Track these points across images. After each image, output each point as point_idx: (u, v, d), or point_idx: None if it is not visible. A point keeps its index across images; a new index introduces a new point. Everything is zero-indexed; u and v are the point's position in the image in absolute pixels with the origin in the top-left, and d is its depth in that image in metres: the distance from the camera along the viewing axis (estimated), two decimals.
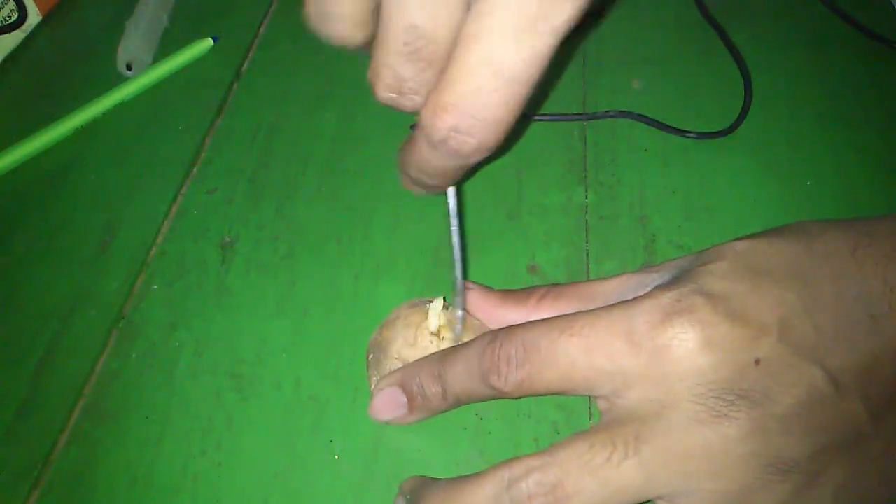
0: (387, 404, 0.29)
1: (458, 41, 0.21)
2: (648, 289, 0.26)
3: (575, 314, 0.25)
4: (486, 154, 0.22)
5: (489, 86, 0.21)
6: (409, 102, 0.22)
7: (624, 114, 0.41)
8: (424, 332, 0.30)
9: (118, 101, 0.45)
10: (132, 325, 0.35)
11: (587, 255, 0.36)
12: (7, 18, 0.48)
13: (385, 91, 0.22)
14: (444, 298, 0.31)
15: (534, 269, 0.35)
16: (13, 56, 0.49)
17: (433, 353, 0.29)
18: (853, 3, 0.46)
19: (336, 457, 0.30)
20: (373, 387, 0.30)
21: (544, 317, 0.28)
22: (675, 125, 0.40)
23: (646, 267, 0.28)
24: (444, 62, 0.21)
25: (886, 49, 0.44)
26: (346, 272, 0.36)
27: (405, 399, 0.28)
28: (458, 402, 0.28)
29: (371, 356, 0.31)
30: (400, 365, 0.30)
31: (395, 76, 0.22)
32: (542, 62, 0.21)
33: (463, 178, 0.26)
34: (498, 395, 0.26)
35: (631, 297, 0.27)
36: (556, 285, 0.30)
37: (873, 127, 0.40)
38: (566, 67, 0.45)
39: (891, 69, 0.43)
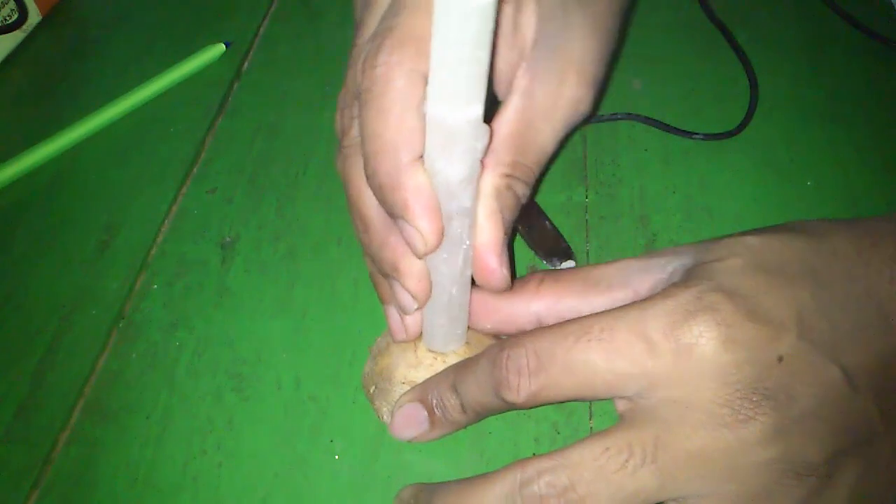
0: (408, 421, 0.28)
1: None
2: (652, 274, 0.26)
3: (587, 317, 0.24)
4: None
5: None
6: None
7: (631, 116, 0.41)
8: (424, 349, 0.29)
9: (131, 108, 0.45)
10: (132, 325, 0.35)
11: (587, 254, 0.36)
12: (7, 18, 0.48)
13: None
14: None
15: (534, 269, 0.35)
16: (13, 56, 0.49)
17: (450, 366, 0.28)
18: (853, 3, 0.46)
19: (336, 457, 0.30)
20: (384, 417, 0.30)
21: (545, 302, 0.28)
22: (676, 125, 0.40)
23: (648, 252, 0.28)
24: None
25: (886, 49, 0.44)
26: (346, 272, 0.36)
27: (426, 414, 0.27)
28: (478, 416, 0.27)
29: (373, 389, 0.30)
30: (409, 389, 0.29)
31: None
32: None
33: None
34: (512, 408, 0.25)
35: (636, 282, 0.26)
36: (552, 270, 0.29)
37: (873, 127, 0.40)
38: None
39: (891, 69, 0.43)
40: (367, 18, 0.28)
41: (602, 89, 0.30)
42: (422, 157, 0.24)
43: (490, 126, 0.23)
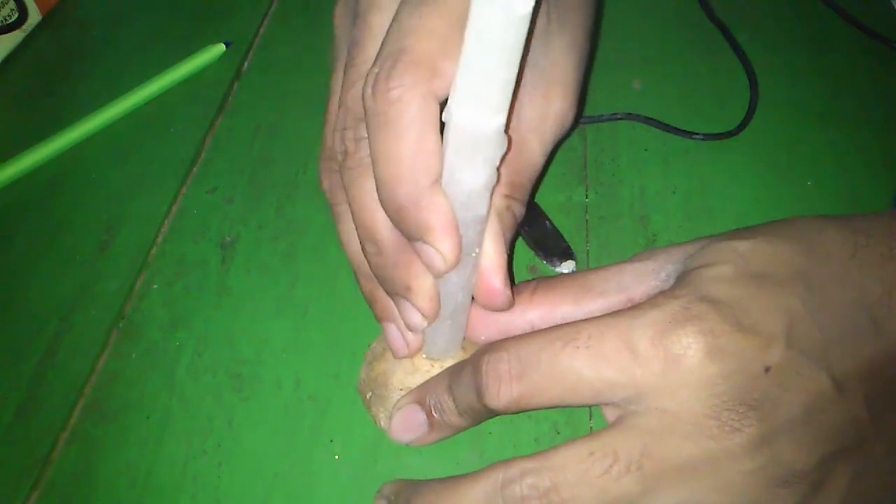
0: (407, 424, 0.28)
1: None
2: (647, 279, 0.26)
3: (575, 323, 0.24)
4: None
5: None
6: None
7: (631, 116, 0.41)
8: (421, 356, 0.29)
9: (131, 108, 0.44)
10: (132, 325, 0.35)
11: (587, 254, 0.36)
12: (7, 18, 0.48)
13: None
14: None
15: (534, 268, 0.35)
16: (13, 56, 0.49)
17: (446, 369, 0.28)
18: (853, 3, 0.46)
19: (336, 457, 0.30)
20: (382, 423, 0.30)
21: (540, 311, 0.28)
22: (676, 125, 0.40)
23: (639, 254, 0.28)
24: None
25: (886, 49, 0.44)
26: (346, 272, 0.36)
27: (424, 417, 0.27)
28: (474, 419, 0.27)
29: (370, 395, 0.30)
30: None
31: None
32: None
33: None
34: (496, 413, 0.25)
35: (631, 286, 0.26)
36: (546, 277, 0.29)
37: (873, 127, 0.40)
38: None
39: (891, 69, 0.43)
40: (363, 38, 0.28)
41: (581, 103, 0.32)
42: (439, 179, 0.24)
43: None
